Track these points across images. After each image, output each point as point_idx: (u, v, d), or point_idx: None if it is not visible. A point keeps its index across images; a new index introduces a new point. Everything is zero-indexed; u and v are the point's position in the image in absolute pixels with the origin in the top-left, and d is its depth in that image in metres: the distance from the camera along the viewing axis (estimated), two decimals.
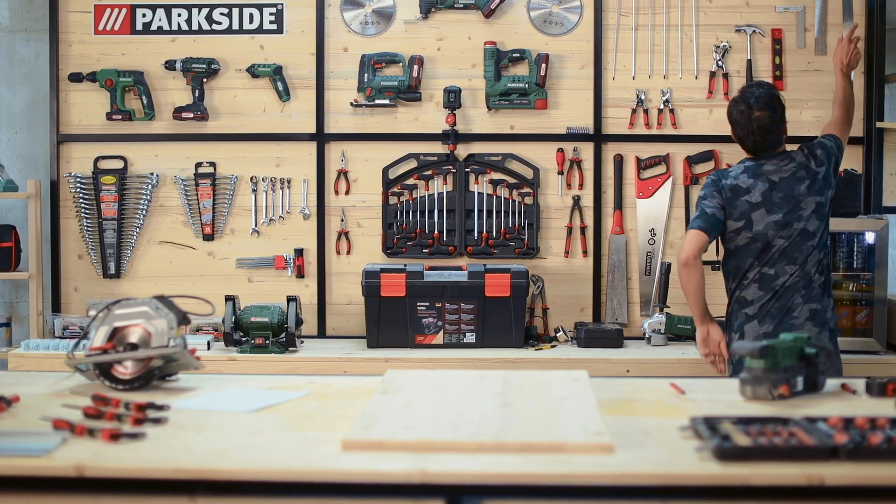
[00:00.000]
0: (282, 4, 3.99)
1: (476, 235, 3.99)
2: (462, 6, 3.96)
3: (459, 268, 3.81)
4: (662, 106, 3.97)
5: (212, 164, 4.02)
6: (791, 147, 3.20)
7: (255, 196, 4.02)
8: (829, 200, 3.18)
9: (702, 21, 3.96)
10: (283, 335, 3.61)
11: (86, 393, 2.15)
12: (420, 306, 3.71)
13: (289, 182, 4.02)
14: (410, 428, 1.81)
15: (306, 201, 4.02)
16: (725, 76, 3.94)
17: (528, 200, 3.99)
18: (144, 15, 4.00)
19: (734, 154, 3.94)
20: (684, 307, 3.90)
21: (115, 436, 1.78)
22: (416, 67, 3.94)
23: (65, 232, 4.04)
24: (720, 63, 3.94)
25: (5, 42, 4.15)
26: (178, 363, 2.30)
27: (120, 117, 3.97)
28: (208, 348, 3.58)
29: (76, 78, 3.96)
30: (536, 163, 3.99)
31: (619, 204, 4.00)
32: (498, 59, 3.94)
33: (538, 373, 2.30)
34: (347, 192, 4.01)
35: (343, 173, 4.01)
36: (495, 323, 3.71)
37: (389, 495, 1.63)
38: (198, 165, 4.02)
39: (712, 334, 3.17)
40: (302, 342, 3.75)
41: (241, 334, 3.61)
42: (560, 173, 4.00)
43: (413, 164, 4.00)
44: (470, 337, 3.72)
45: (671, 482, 1.63)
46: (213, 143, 4.02)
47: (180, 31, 4.00)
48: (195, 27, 3.99)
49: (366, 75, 3.96)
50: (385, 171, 3.99)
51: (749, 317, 3.14)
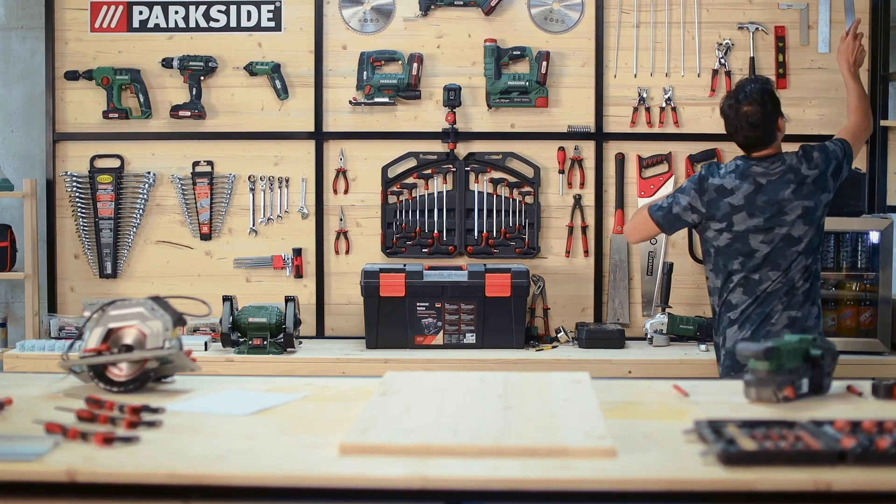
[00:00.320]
0: (280, 2, 3.97)
1: (476, 235, 3.97)
2: (462, 3, 3.93)
3: (459, 268, 3.79)
4: (664, 104, 3.95)
5: (209, 163, 4.01)
6: (792, 147, 3.16)
7: (253, 195, 4.00)
8: (824, 204, 3.08)
9: (704, 18, 3.94)
10: (282, 336, 3.59)
11: (80, 395, 2.15)
12: (419, 306, 3.70)
13: (287, 181, 4.00)
14: (409, 432, 1.80)
15: (305, 200, 4.00)
16: (728, 74, 3.92)
17: (529, 199, 3.97)
18: (141, 12, 3.98)
19: (737, 153, 3.92)
20: (686, 307, 3.90)
21: (109, 440, 1.78)
22: (416, 65, 3.92)
23: (61, 231, 4.02)
24: (723, 61, 3.92)
25: (1, 40, 4.12)
26: (174, 365, 2.30)
27: (116, 116, 3.95)
28: (205, 349, 3.57)
29: (72, 76, 3.95)
30: (537, 161, 3.97)
31: (621, 203, 3.98)
32: (498, 57, 3.92)
33: (539, 374, 2.31)
34: (346, 192, 4.00)
35: (342, 172, 3.99)
36: (496, 323, 3.69)
37: (388, 501, 1.62)
38: (195, 164, 4.00)
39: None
40: (300, 343, 3.73)
41: (239, 335, 3.59)
42: (561, 172, 3.98)
43: (412, 163, 3.98)
44: (470, 337, 3.70)
45: (675, 487, 1.61)
46: (211, 142, 4.00)
47: (177, 29, 3.98)
48: (192, 24, 3.98)
49: (365, 73, 3.93)
50: (384, 170, 3.97)
51: (731, 321, 3.10)
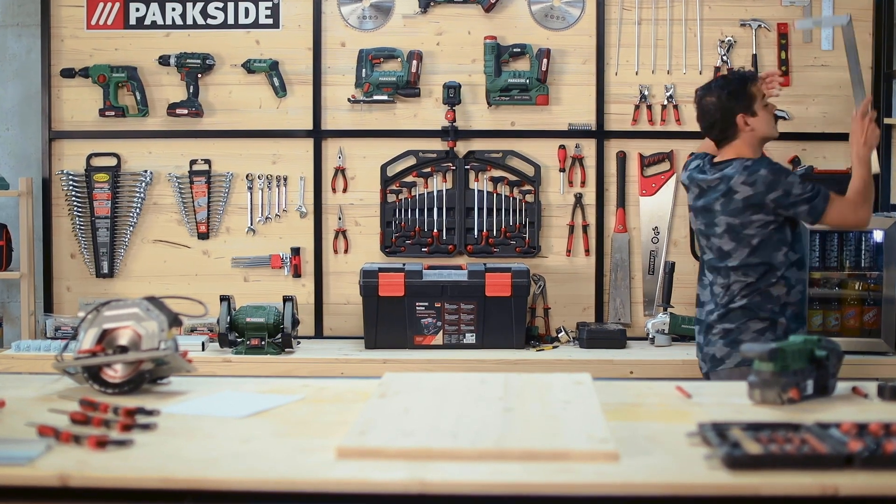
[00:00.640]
0: None
1: (476, 234, 3.95)
2: (462, 0, 3.90)
3: (459, 267, 3.77)
4: (666, 102, 3.92)
5: (207, 162, 3.99)
6: (795, 146, 3.12)
7: (251, 194, 3.98)
8: (759, 225, 2.85)
9: (706, 15, 3.91)
10: (280, 336, 3.57)
11: (74, 397, 2.13)
12: (419, 306, 3.67)
13: (285, 180, 3.98)
14: (408, 435, 1.78)
15: (303, 199, 3.98)
16: (730, 71, 3.88)
17: (530, 198, 3.94)
18: (138, 9, 3.96)
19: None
20: (688, 307, 3.87)
21: (102, 443, 1.75)
22: (415, 62, 3.90)
23: (57, 230, 4.01)
24: (725, 58, 3.90)
25: None
26: (170, 366, 2.29)
27: (113, 113, 3.94)
28: (203, 349, 3.56)
29: (68, 73, 3.93)
30: (538, 160, 3.94)
31: (622, 202, 3.95)
32: (498, 54, 3.89)
33: (540, 376, 2.30)
34: (345, 190, 3.97)
35: (340, 171, 3.97)
36: (496, 323, 3.67)
37: None
38: (192, 163, 3.98)
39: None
40: (298, 343, 3.72)
41: (237, 335, 3.57)
42: (562, 170, 3.95)
43: (412, 162, 3.96)
44: (470, 337, 3.68)
45: (679, 492, 1.59)
46: (208, 140, 3.98)
47: (174, 26, 3.96)
48: (190, 22, 3.96)
49: (364, 71, 3.91)
50: (383, 169, 3.95)
51: (697, 320, 3.10)
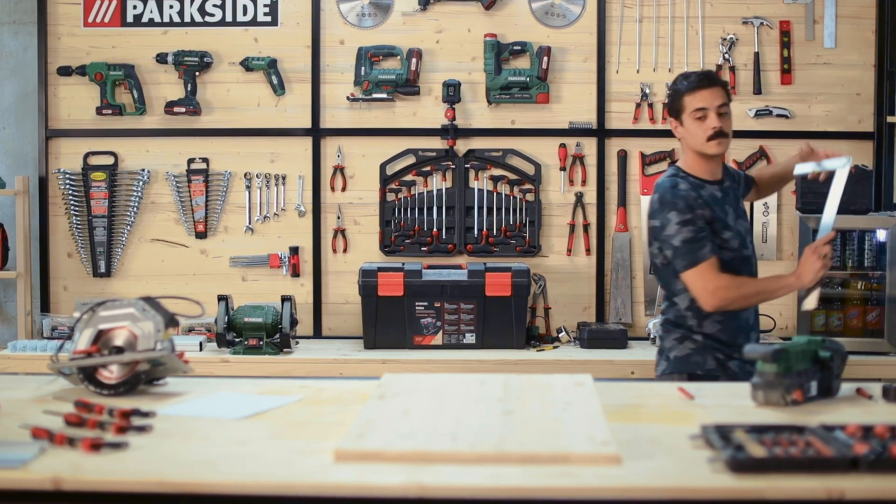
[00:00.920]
0: None
1: (476, 233, 3.93)
2: None
3: (459, 266, 3.75)
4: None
5: (205, 160, 3.96)
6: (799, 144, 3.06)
7: (249, 193, 3.96)
8: (660, 257, 2.69)
9: (708, 13, 3.89)
10: (278, 336, 3.55)
11: (69, 398, 2.11)
12: (418, 306, 3.65)
13: (284, 178, 3.96)
14: (407, 437, 1.76)
15: (301, 198, 3.96)
16: (732, 69, 3.87)
17: (530, 197, 3.92)
18: (135, 7, 3.93)
19: (741, 150, 3.89)
20: None
21: (96, 446, 1.73)
22: (415, 60, 3.87)
23: (54, 229, 3.98)
24: (727, 56, 3.87)
25: None
26: (166, 367, 2.27)
27: (110, 112, 3.91)
28: (200, 349, 3.54)
29: (65, 71, 3.90)
30: (538, 158, 3.92)
31: (623, 201, 3.93)
32: (498, 52, 3.87)
33: (540, 377, 2.28)
34: (344, 189, 3.95)
35: (339, 169, 3.95)
36: (496, 323, 3.65)
37: None
38: (190, 161, 3.96)
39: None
40: (297, 343, 3.70)
41: (235, 335, 3.55)
42: (562, 169, 3.93)
43: (411, 160, 3.94)
44: (470, 338, 3.66)
45: (682, 496, 1.57)
46: (206, 139, 3.96)
47: (172, 24, 3.93)
48: (187, 19, 3.93)
49: (363, 69, 3.89)
50: (382, 168, 3.93)
51: None
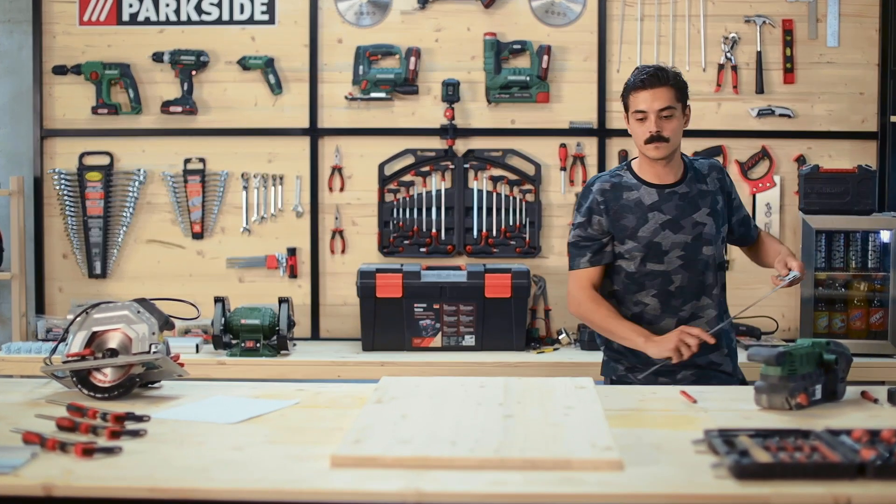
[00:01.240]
0: None
1: (475, 234, 3.90)
2: None
3: (458, 268, 3.72)
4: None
5: (201, 160, 3.93)
6: (802, 143, 3.03)
7: (247, 193, 3.93)
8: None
9: (710, 11, 3.85)
10: (275, 338, 3.52)
11: (62, 402, 2.10)
12: (417, 308, 3.62)
13: (281, 178, 3.93)
14: (405, 442, 1.74)
15: (299, 198, 3.93)
16: (734, 69, 3.84)
17: (530, 197, 3.89)
18: (131, 5, 3.90)
19: (743, 150, 3.86)
20: None
21: (89, 451, 1.71)
22: (413, 59, 3.84)
23: (49, 230, 3.95)
24: (729, 55, 3.84)
25: None
26: (161, 370, 2.26)
27: (106, 111, 3.88)
28: (197, 351, 3.51)
29: (60, 70, 3.87)
30: (538, 158, 3.89)
31: None
32: (498, 51, 3.84)
33: (541, 380, 2.27)
34: (342, 189, 3.92)
35: (337, 169, 3.92)
36: (495, 325, 3.62)
37: None
38: (186, 161, 3.93)
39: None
40: (294, 345, 3.66)
41: (231, 337, 3.52)
42: (563, 169, 3.90)
43: (410, 160, 3.91)
44: (469, 340, 3.63)
45: (686, 503, 1.54)
46: (203, 139, 3.93)
47: (168, 22, 3.90)
48: (184, 18, 3.90)
49: (361, 68, 3.86)
50: (381, 168, 3.90)
51: None
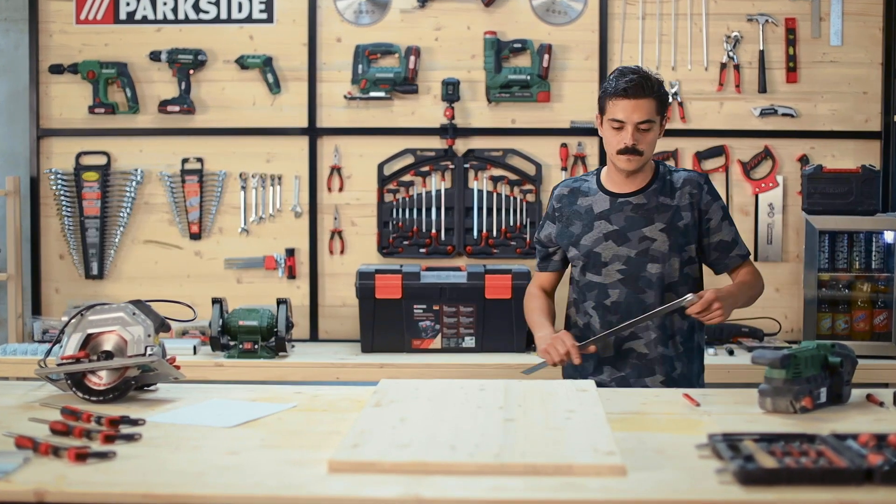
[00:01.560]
0: None
1: (475, 234, 3.87)
2: None
3: (458, 268, 3.69)
4: (671, 99, 3.83)
5: (199, 160, 3.91)
6: (802, 143, 3.00)
7: (245, 193, 3.90)
8: None
9: (712, 10, 3.83)
10: (273, 339, 3.49)
11: (57, 405, 2.08)
12: (417, 309, 3.59)
13: (279, 178, 3.90)
14: (404, 447, 1.71)
15: (298, 199, 3.90)
16: (737, 68, 3.81)
17: (531, 198, 3.86)
18: (128, 4, 3.87)
19: (745, 150, 3.83)
20: None
21: (82, 455, 1.68)
22: (413, 58, 3.81)
23: (45, 231, 3.92)
24: (731, 54, 3.81)
25: None
26: (156, 373, 2.23)
27: (103, 111, 3.86)
28: (194, 353, 3.47)
29: (57, 70, 3.85)
30: (539, 158, 3.86)
31: None
32: (498, 50, 3.81)
33: (542, 382, 2.24)
34: (341, 189, 3.89)
35: (336, 169, 3.89)
36: (496, 326, 3.59)
37: None
38: (184, 161, 3.90)
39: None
40: (293, 346, 3.63)
41: (229, 338, 3.49)
42: (563, 169, 3.87)
43: (410, 160, 3.88)
44: (469, 341, 3.60)
45: None
46: (201, 138, 3.90)
47: (166, 21, 3.87)
48: (181, 16, 3.87)
49: (360, 67, 3.83)
50: (380, 168, 3.87)
51: None
